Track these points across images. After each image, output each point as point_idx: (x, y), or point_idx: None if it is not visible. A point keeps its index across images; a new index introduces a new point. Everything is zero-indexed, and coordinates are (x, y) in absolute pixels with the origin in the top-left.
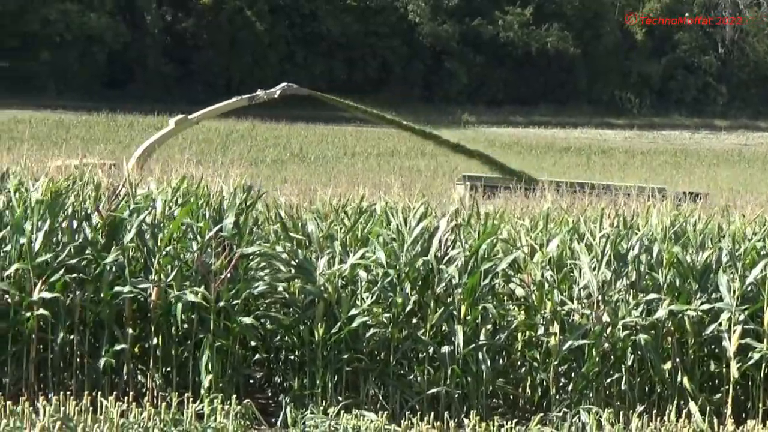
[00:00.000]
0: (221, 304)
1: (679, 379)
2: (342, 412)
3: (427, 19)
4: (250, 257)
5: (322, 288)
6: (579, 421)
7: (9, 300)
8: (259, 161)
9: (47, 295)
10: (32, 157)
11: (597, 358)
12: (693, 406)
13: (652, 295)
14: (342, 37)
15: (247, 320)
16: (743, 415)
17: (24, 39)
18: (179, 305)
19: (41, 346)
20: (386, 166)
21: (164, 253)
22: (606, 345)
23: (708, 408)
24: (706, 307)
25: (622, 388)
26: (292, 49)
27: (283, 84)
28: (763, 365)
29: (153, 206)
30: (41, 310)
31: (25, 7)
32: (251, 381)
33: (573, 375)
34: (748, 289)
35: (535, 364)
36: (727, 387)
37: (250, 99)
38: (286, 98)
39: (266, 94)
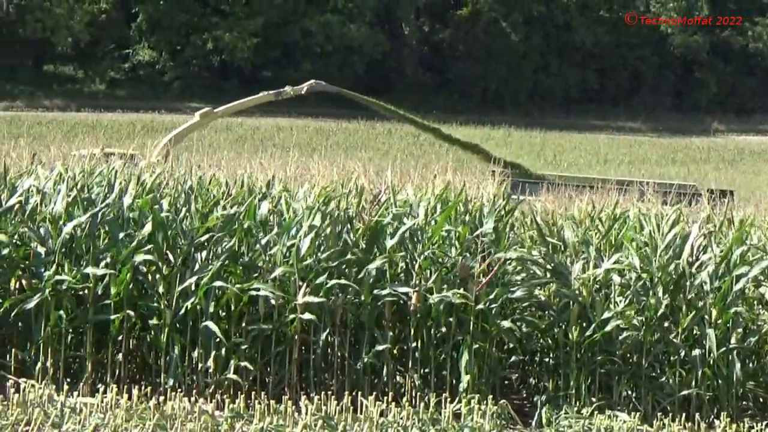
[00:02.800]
0: (480, 307)
1: None
2: (595, 412)
3: (678, 31)
4: (507, 262)
5: (577, 292)
6: None
7: (273, 302)
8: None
9: (312, 298)
10: (296, 164)
11: None
12: None
13: None
14: (595, 47)
15: (506, 323)
16: None
17: (285, 50)
18: (440, 308)
19: (303, 347)
20: (637, 173)
21: (424, 257)
22: None
23: None
24: None
25: None
26: (547, 59)
27: (311, 81)
28: None
29: (416, 212)
30: (306, 314)
31: (286, 19)
32: (507, 382)
33: None
34: None
35: None
36: None
37: (277, 94)
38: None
39: (293, 90)
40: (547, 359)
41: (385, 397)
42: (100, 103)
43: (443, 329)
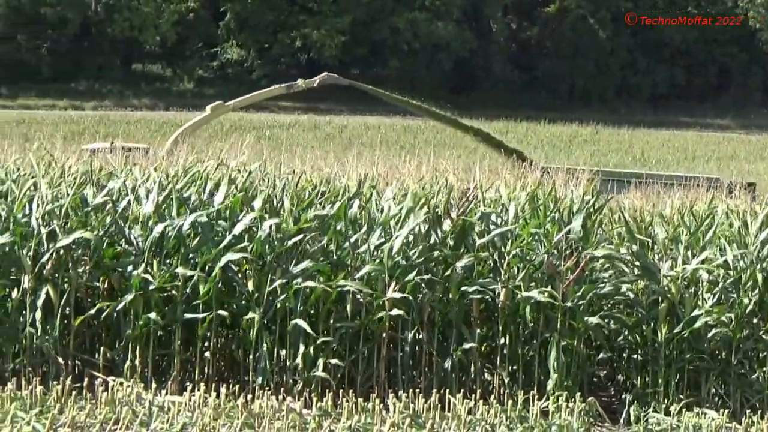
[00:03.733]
0: (568, 304)
1: None
2: (684, 409)
3: (767, 26)
4: (595, 259)
5: (666, 289)
6: None
7: (361, 300)
8: (601, 165)
9: (399, 294)
10: (384, 162)
11: None
12: None
13: None
14: (682, 44)
15: (594, 320)
16: None
17: (373, 47)
18: (527, 305)
19: (391, 345)
20: (726, 169)
21: (512, 254)
22: None
23: None
24: None
25: None
26: (634, 56)
27: (323, 74)
28: None
29: (506, 211)
30: (394, 310)
31: (374, 17)
32: (595, 379)
33: None
34: None
35: None
36: None
37: (288, 87)
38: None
39: (305, 83)
40: (635, 356)
41: (473, 395)
42: (188, 102)
43: (531, 326)
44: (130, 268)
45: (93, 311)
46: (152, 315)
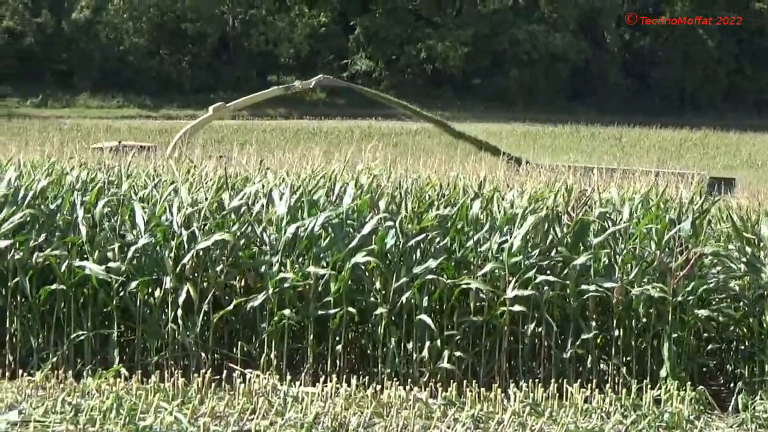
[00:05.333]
0: (678, 299)
1: None
2: None
3: None
4: (704, 256)
5: None
6: None
7: (484, 296)
8: (710, 168)
9: (520, 292)
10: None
11: None
12: None
13: None
14: None
15: (703, 313)
16: None
17: (494, 58)
18: (641, 300)
19: (512, 338)
20: None
21: (626, 252)
22: None
23: None
24: None
25: None
26: (740, 63)
27: (319, 75)
28: None
29: (620, 211)
30: (516, 307)
31: (495, 29)
32: (704, 369)
33: None
34: None
35: None
36: None
37: (286, 89)
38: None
39: (302, 85)
40: (742, 347)
41: (589, 384)
42: (320, 111)
43: (644, 320)
44: (264, 267)
45: (231, 308)
46: (286, 311)
